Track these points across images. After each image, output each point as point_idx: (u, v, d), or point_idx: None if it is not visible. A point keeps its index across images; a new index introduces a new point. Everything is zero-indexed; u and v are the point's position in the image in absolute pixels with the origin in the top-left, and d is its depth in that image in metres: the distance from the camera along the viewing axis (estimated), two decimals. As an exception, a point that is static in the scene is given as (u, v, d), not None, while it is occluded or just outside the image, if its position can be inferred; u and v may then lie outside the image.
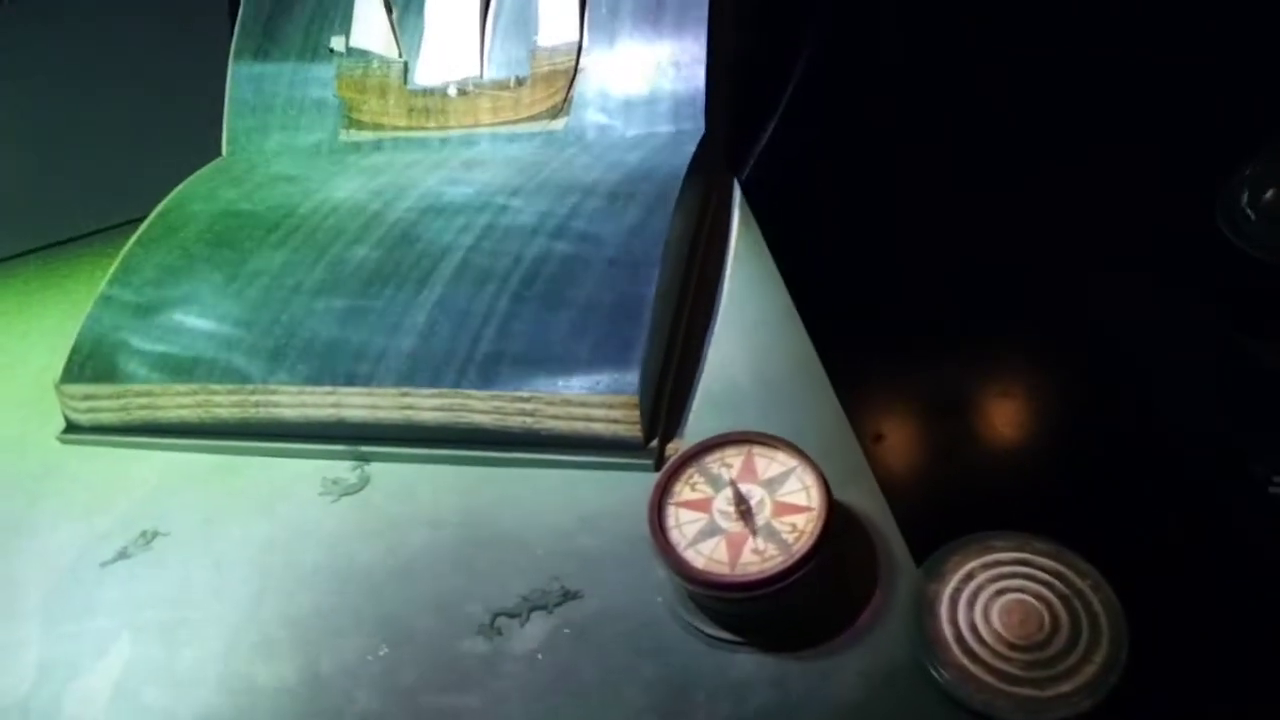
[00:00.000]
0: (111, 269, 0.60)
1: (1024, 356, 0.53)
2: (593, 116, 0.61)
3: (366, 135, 0.66)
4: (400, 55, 0.65)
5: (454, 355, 0.50)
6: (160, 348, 0.55)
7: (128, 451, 0.56)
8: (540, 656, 0.42)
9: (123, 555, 0.51)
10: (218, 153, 0.69)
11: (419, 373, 0.50)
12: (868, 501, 0.44)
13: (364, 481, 0.51)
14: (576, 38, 0.61)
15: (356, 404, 0.51)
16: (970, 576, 0.39)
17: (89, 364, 0.56)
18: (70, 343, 0.57)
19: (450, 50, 0.64)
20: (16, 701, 0.45)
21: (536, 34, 0.62)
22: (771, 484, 0.41)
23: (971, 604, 0.38)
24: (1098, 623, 0.37)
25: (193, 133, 0.72)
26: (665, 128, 0.59)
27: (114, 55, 0.78)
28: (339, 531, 0.49)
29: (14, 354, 0.64)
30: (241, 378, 0.53)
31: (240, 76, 0.69)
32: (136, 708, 0.44)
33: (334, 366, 0.51)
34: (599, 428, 0.47)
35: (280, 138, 0.67)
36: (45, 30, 0.80)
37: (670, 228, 0.52)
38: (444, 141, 0.64)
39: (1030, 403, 0.51)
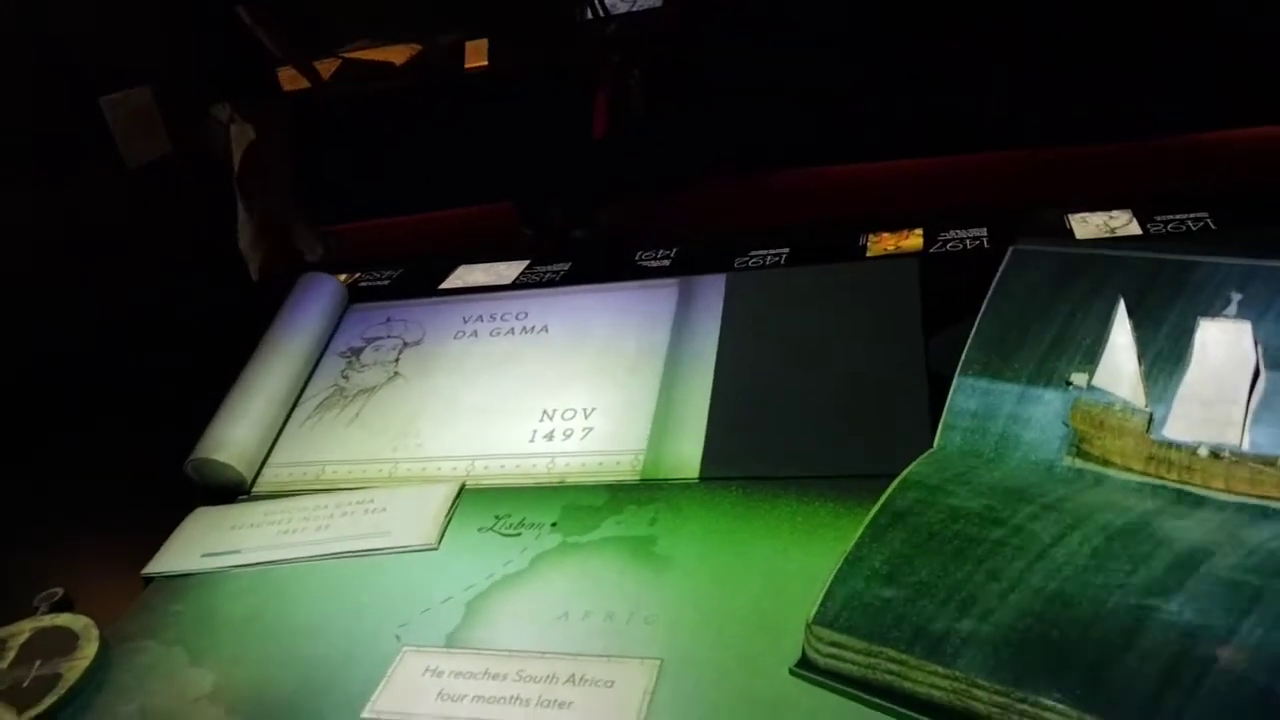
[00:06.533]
0: (859, 532, 0.68)
1: None
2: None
3: (1092, 467, 0.70)
4: (1146, 405, 0.70)
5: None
6: (919, 623, 0.61)
7: (854, 705, 0.61)
8: None
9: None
10: (915, 433, 0.78)
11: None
12: None
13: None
14: (1369, 435, 0.62)
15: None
16: None
17: (843, 615, 0.63)
18: (820, 588, 0.65)
19: (1208, 412, 0.67)
20: None
21: (1320, 422, 0.64)
22: None
23: None
24: None
25: (887, 411, 0.83)
26: None
27: (823, 330, 0.92)
28: None
29: (734, 571, 0.74)
30: (1008, 682, 0.56)
31: (965, 385, 0.77)
32: None
33: (1119, 703, 0.53)
34: None
35: (997, 447, 0.74)
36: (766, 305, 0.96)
37: None
38: (1181, 495, 0.67)
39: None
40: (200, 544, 0.88)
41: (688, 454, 0.85)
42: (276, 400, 1.00)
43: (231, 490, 0.95)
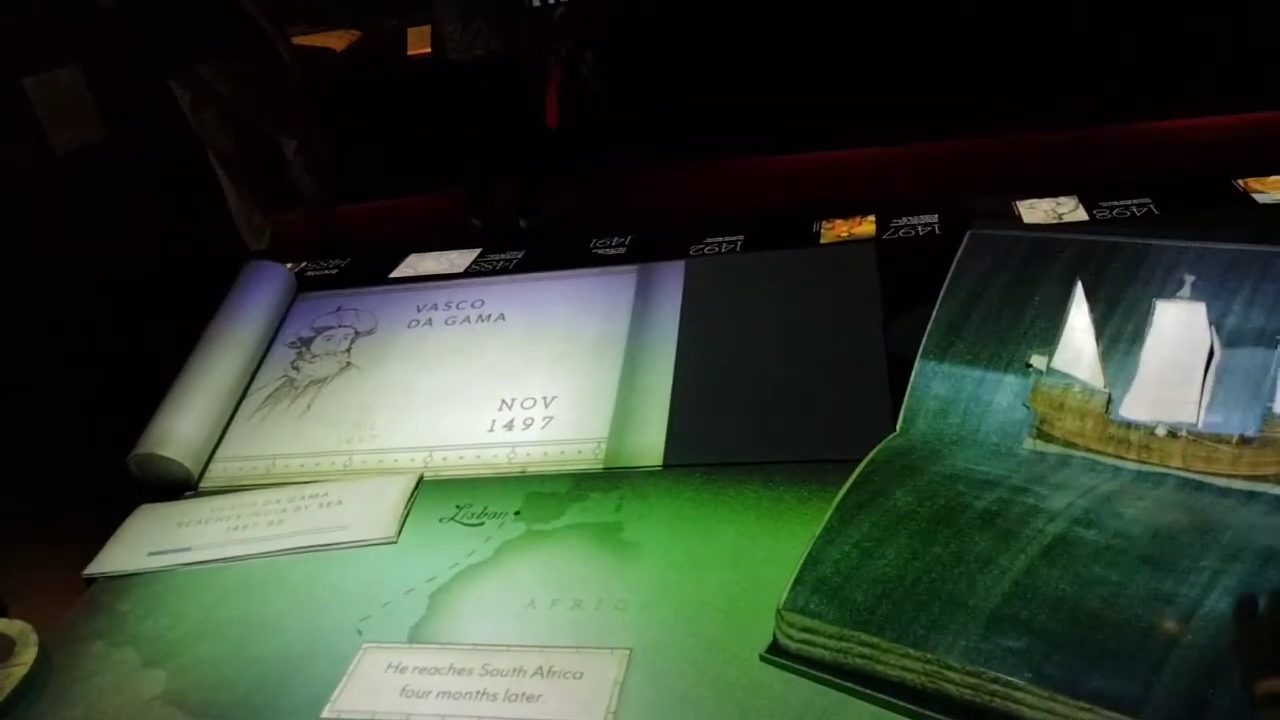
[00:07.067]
0: (826, 517, 0.68)
1: None
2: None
3: (1054, 449, 0.71)
4: (1105, 386, 0.71)
5: None
6: (889, 607, 0.61)
7: (826, 690, 0.61)
8: None
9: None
10: (876, 418, 0.78)
11: None
12: None
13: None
14: (1319, 411, 0.64)
15: (1112, 726, 0.52)
16: None
17: (813, 600, 0.63)
18: (789, 573, 0.65)
19: (1165, 392, 0.68)
20: None
21: (1272, 401, 0.65)
22: None
23: None
24: None
25: (849, 396, 0.83)
26: None
27: (784, 316, 0.92)
28: None
29: (701, 558, 0.73)
30: (979, 663, 0.56)
31: (927, 369, 0.77)
32: None
33: (1088, 681, 0.54)
34: None
35: (959, 430, 0.75)
36: (725, 290, 0.96)
37: None
38: (1141, 475, 0.68)
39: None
40: (146, 542, 0.84)
41: (651, 441, 0.84)
42: (223, 392, 0.97)
43: (177, 486, 0.92)
